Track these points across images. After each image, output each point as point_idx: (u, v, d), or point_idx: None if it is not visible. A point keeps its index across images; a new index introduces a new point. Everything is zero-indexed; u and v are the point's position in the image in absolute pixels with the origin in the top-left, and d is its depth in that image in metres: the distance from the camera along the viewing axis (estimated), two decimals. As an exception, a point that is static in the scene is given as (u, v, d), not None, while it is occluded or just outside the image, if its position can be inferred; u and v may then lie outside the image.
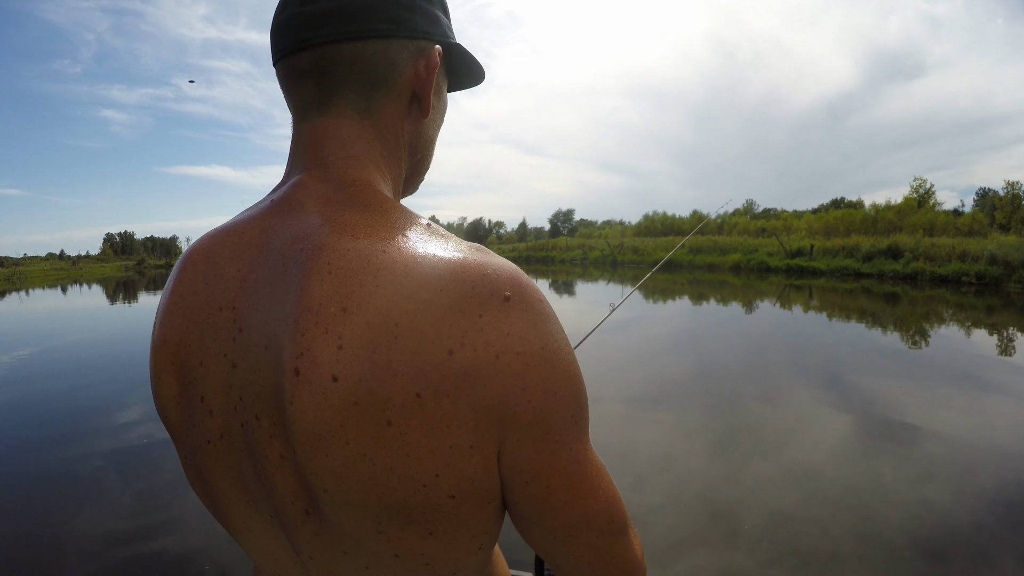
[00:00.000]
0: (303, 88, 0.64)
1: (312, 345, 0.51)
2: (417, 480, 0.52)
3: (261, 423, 0.57)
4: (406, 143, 0.70)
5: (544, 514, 0.58)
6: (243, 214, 0.66)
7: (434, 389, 0.50)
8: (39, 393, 7.84)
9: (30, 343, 12.59)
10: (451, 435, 0.52)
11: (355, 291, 0.51)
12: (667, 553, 3.32)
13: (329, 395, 0.50)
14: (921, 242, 25.23)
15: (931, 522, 3.59)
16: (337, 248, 0.54)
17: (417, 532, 0.55)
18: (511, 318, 0.53)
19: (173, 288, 0.66)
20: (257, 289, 0.59)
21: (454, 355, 0.51)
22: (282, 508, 0.59)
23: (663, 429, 5.51)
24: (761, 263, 29.95)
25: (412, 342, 0.50)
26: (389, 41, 0.63)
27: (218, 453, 0.63)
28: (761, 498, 3.96)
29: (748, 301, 17.00)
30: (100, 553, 3.49)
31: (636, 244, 46.15)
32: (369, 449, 0.51)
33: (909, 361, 8.33)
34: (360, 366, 0.50)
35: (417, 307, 0.51)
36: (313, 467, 0.53)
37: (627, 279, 26.42)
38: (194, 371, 0.62)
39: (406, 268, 0.52)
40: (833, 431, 5.36)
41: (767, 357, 8.78)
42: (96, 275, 58.63)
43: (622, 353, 9.13)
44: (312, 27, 0.61)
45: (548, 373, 0.54)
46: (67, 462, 5.11)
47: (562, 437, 0.56)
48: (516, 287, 0.55)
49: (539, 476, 0.56)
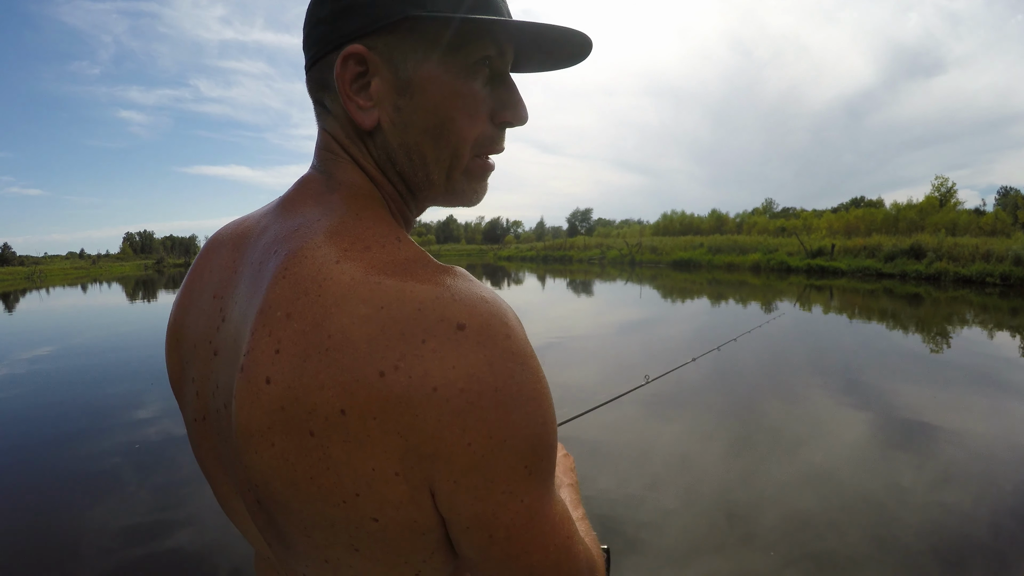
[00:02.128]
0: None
1: (256, 345, 0.52)
2: (336, 495, 0.51)
3: (228, 410, 0.58)
4: (370, 153, 0.65)
5: (487, 563, 0.55)
6: (264, 207, 0.70)
7: (360, 408, 0.48)
8: (59, 389, 7.96)
9: (52, 341, 12.76)
10: (374, 458, 0.49)
11: (300, 298, 0.51)
12: (683, 555, 3.30)
13: (261, 396, 0.51)
14: (944, 242, 24.81)
15: (950, 526, 3.53)
16: (299, 253, 0.55)
17: (342, 545, 0.54)
18: (462, 350, 0.48)
19: (191, 272, 0.71)
20: (241, 281, 0.61)
21: (385, 377, 0.48)
22: (245, 495, 0.61)
23: (680, 430, 5.48)
24: (781, 263, 29.68)
25: (342, 356, 0.48)
26: (324, 61, 0.62)
27: (203, 432, 0.67)
28: (778, 501, 3.93)
29: (768, 301, 16.84)
30: (116, 549, 3.54)
31: (655, 244, 45.96)
32: (291, 455, 0.51)
33: (930, 363, 8.20)
34: (291, 372, 0.50)
35: (353, 322, 0.49)
36: (247, 462, 0.54)
37: (645, 279, 26.31)
38: (189, 353, 0.67)
39: (353, 282, 0.51)
40: (851, 433, 5.30)
41: (786, 358, 8.70)
42: (116, 274, 59.64)
43: (640, 351, 9.10)
44: (306, 59, 0.66)
45: (498, 418, 0.49)
46: (85, 458, 5.18)
47: (510, 488, 0.51)
48: (477, 317, 0.50)
49: (480, 525, 0.52)
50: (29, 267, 72.45)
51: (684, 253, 38.63)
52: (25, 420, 6.52)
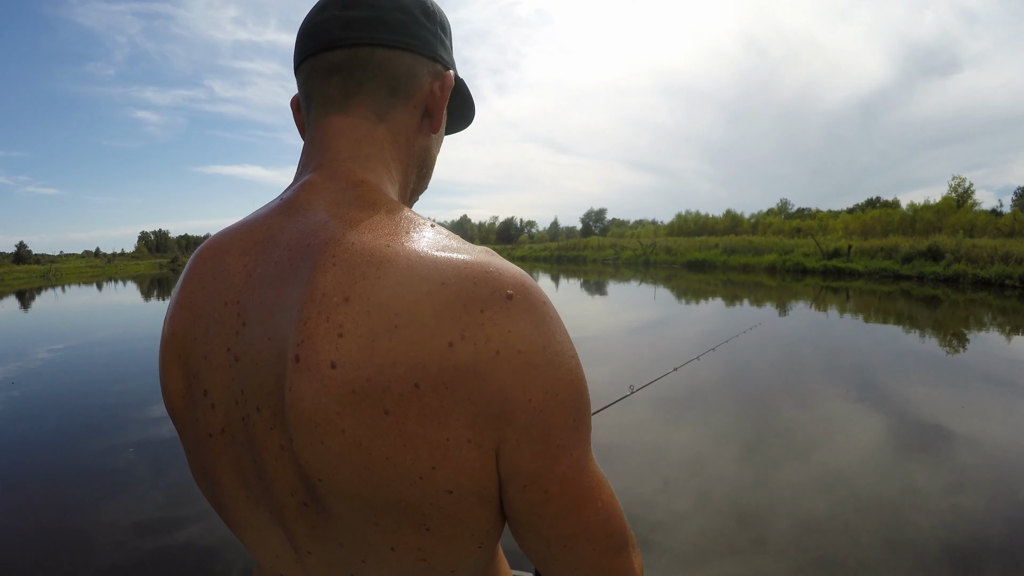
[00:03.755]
0: (330, 84, 0.67)
1: (313, 333, 0.52)
2: (413, 472, 0.52)
3: (262, 414, 0.57)
4: (415, 154, 0.73)
5: (541, 521, 0.58)
6: (254, 213, 0.68)
7: (433, 380, 0.51)
8: (73, 386, 8.07)
9: (66, 337, 12.91)
10: (449, 428, 0.52)
11: (358, 282, 0.53)
12: (694, 559, 3.29)
13: (327, 381, 0.51)
14: (962, 243, 24.53)
15: (964, 531, 3.51)
16: (343, 242, 0.56)
17: (413, 527, 0.55)
18: (513, 316, 0.53)
19: (183, 284, 0.68)
20: (262, 283, 0.60)
21: (454, 348, 0.51)
22: (281, 501, 0.60)
23: (692, 431, 5.47)
24: (797, 264, 29.48)
25: (412, 332, 0.51)
26: (416, 56, 0.68)
27: (219, 448, 0.63)
28: (790, 504, 3.91)
29: (783, 303, 16.75)
30: (128, 543, 3.58)
31: (669, 244, 45.80)
32: (365, 438, 0.51)
33: (947, 366, 8.12)
34: (359, 354, 0.51)
35: (418, 299, 0.51)
36: (308, 455, 0.53)
37: (659, 279, 26.22)
38: (198, 364, 0.63)
39: (409, 262, 0.53)
40: (865, 436, 5.26)
41: (801, 360, 8.66)
42: (131, 272, 60.47)
43: (653, 352, 9.08)
44: (350, 29, 0.65)
45: (550, 374, 0.54)
46: (99, 453, 5.24)
47: (563, 442, 0.56)
48: (520, 287, 0.55)
49: (537, 480, 0.55)
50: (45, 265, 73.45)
51: (699, 254, 38.46)
52: (40, 416, 6.60)
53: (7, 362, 9.95)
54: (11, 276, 54.21)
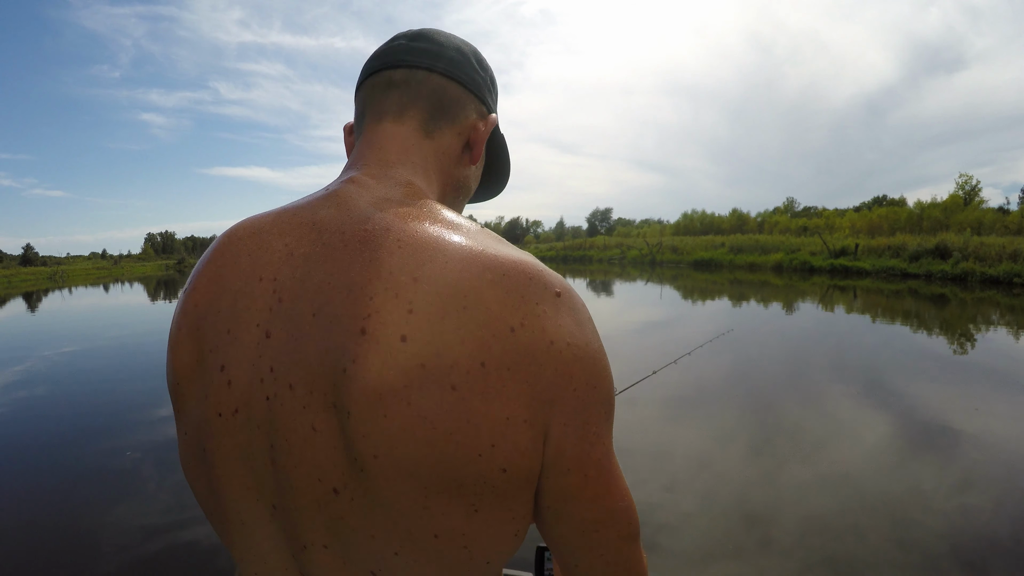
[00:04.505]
0: (388, 97, 0.75)
1: (381, 308, 0.54)
2: (473, 449, 0.54)
3: (294, 392, 0.57)
4: (455, 179, 0.78)
5: (577, 505, 0.60)
6: (295, 202, 0.70)
7: (497, 361, 0.54)
8: (79, 387, 8.12)
9: (73, 339, 12.96)
10: (509, 407, 0.54)
11: (426, 264, 0.56)
12: (700, 559, 3.30)
13: (396, 354, 0.53)
14: (970, 241, 24.40)
15: (971, 531, 3.51)
16: (405, 229, 0.59)
17: (463, 508, 0.56)
18: (562, 313, 0.58)
19: (212, 258, 0.68)
20: (306, 263, 0.60)
21: (515, 333, 0.55)
22: (301, 489, 0.58)
23: (699, 431, 5.47)
24: (804, 263, 29.39)
25: (479, 314, 0.54)
26: (464, 90, 0.76)
27: (227, 429, 0.61)
28: (797, 504, 3.92)
29: (790, 302, 16.72)
30: (134, 545, 3.59)
31: (675, 243, 45.72)
32: (431, 412, 0.52)
33: (955, 365, 8.09)
34: (430, 329, 0.53)
35: (483, 285, 0.55)
36: (368, 429, 0.53)
37: (666, 279, 26.19)
38: (218, 339, 0.63)
39: (472, 252, 0.58)
40: (872, 435, 5.26)
41: (807, 359, 8.65)
42: (137, 274, 60.61)
43: (659, 353, 9.08)
44: (414, 55, 0.75)
45: (591, 368, 0.59)
46: (105, 455, 5.26)
47: (598, 430, 0.60)
48: (565, 289, 0.60)
49: (579, 464, 0.59)
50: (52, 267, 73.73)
51: (705, 253, 38.41)
52: (46, 417, 6.62)
53: (15, 364, 10.00)
54: (18, 278, 54.49)
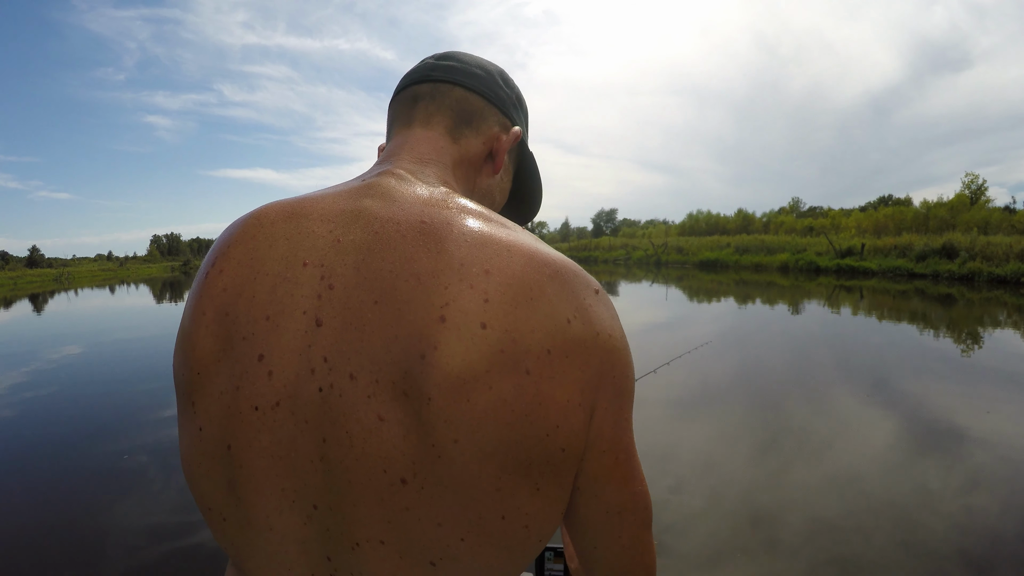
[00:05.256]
0: (416, 107, 0.81)
1: (459, 297, 0.56)
2: (543, 429, 0.57)
3: (357, 382, 0.56)
4: (478, 187, 0.83)
5: (608, 486, 0.64)
6: (325, 189, 0.71)
7: (559, 348, 0.58)
8: (86, 387, 8.17)
9: (79, 340, 13.03)
10: (568, 391, 0.58)
11: (494, 258, 0.59)
12: (706, 560, 3.32)
13: (478, 340, 0.55)
14: (977, 241, 24.28)
15: (977, 532, 3.52)
16: (465, 223, 0.62)
17: (528, 488, 0.58)
18: (600, 308, 0.63)
19: (240, 239, 0.66)
20: (358, 250, 0.60)
21: (571, 324, 0.59)
22: (362, 483, 0.56)
23: (704, 432, 5.48)
24: (810, 263, 29.37)
25: (544, 305, 0.58)
26: (487, 103, 0.82)
27: (265, 424, 0.58)
28: (803, 504, 3.93)
29: (795, 302, 16.70)
30: (142, 547, 3.61)
31: (680, 244, 45.71)
32: (510, 395, 0.55)
33: (960, 366, 8.09)
34: (505, 318, 0.56)
35: (544, 279, 0.60)
36: (451, 414, 0.54)
37: (671, 279, 26.17)
38: (255, 326, 0.60)
39: (530, 249, 0.62)
40: (878, 436, 5.27)
41: (813, 359, 8.65)
42: (143, 275, 60.91)
43: (665, 353, 9.07)
44: (439, 71, 0.82)
45: (625, 359, 0.64)
46: (111, 455, 5.28)
47: (627, 415, 0.65)
48: (599, 287, 0.65)
49: (614, 446, 0.64)
50: (58, 269, 74.06)
51: (711, 253, 38.40)
52: (53, 420, 6.60)
53: (22, 365, 10.07)
54: (24, 280, 54.74)
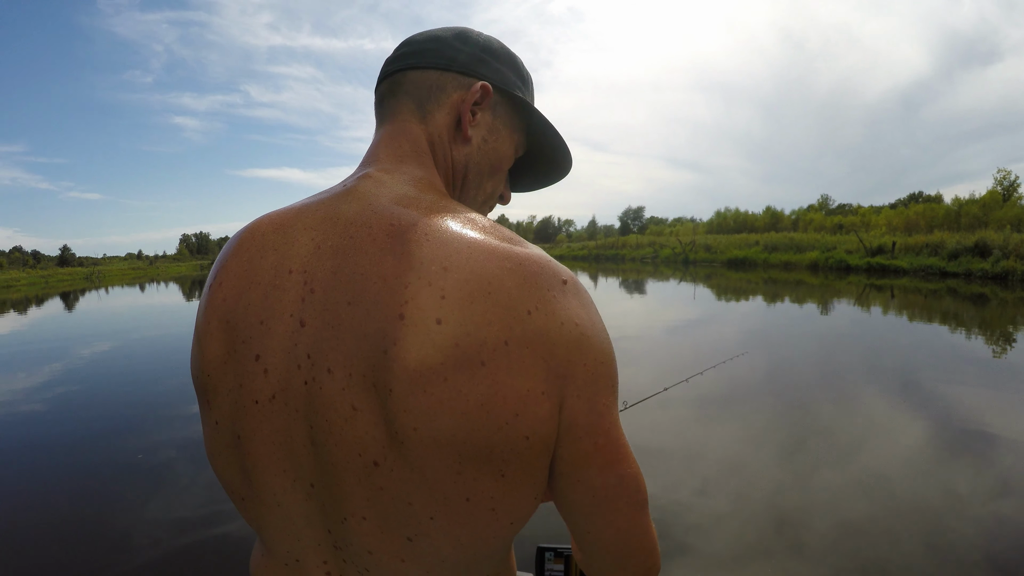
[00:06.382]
0: (383, 107, 0.83)
1: (417, 295, 0.60)
2: (501, 418, 0.60)
3: (333, 375, 0.62)
4: (456, 161, 0.83)
5: (590, 471, 0.66)
6: (312, 198, 0.76)
7: (518, 339, 0.60)
8: (115, 384, 8.38)
9: (109, 337, 13.30)
10: (529, 381, 0.61)
11: (453, 255, 0.62)
12: (731, 562, 3.32)
13: (433, 335, 0.59)
14: (1010, 238, 23.54)
15: (1007, 538, 3.49)
16: (430, 223, 0.65)
17: (492, 473, 0.62)
18: (568, 297, 0.65)
19: (235, 253, 0.73)
20: (335, 255, 0.66)
21: (531, 315, 0.61)
22: (343, 465, 0.63)
23: (731, 432, 5.49)
24: (840, 261, 29.01)
25: (501, 298, 0.61)
26: (442, 72, 0.80)
27: (264, 415, 0.66)
28: (829, 507, 3.92)
29: (825, 301, 16.53)
30: (167, 539, 3.71)
31: (708, 242, 45.34)
32: (465, 386, 0.59)
33: (995, 367, 8.01)
34: (461, 313, 0.59)
35: (503, 273, 0.62)
36: (410, 404, 0.59)
37: (699, 278, 26.02)
38: (251, 330, 0.67)
39: (491, 244, 0.64)
40: (907, 439, 5.25)
41: (842, 360, 8.60)
42: (172, 274, 61.94)
43: (695, 357, 9.13)
44: (394, 63, 0.83)
45: (597, 346, 0.65)
46: (139, 450, 5.43)
47: (606, 402, 0.66)
48: (570, 277, 0.67)
49: (590, 433, 0.65)
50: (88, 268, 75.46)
51: (739, 251, 38.12)
52: (80, 419, 6.71)
53: (53, 361, 10.30)
54: (55, 279, 56.13)
